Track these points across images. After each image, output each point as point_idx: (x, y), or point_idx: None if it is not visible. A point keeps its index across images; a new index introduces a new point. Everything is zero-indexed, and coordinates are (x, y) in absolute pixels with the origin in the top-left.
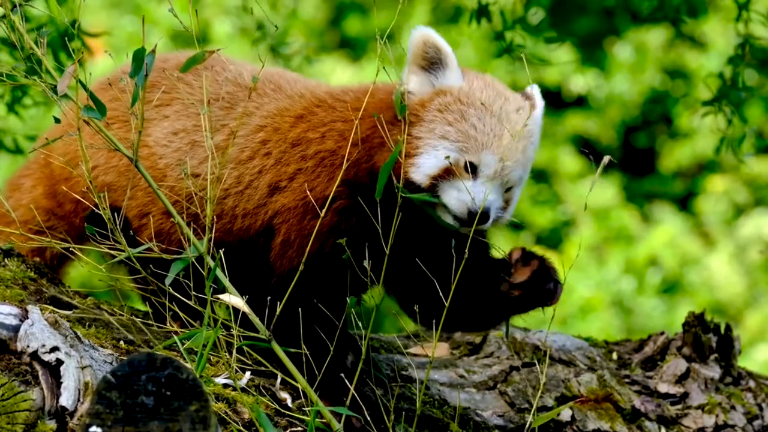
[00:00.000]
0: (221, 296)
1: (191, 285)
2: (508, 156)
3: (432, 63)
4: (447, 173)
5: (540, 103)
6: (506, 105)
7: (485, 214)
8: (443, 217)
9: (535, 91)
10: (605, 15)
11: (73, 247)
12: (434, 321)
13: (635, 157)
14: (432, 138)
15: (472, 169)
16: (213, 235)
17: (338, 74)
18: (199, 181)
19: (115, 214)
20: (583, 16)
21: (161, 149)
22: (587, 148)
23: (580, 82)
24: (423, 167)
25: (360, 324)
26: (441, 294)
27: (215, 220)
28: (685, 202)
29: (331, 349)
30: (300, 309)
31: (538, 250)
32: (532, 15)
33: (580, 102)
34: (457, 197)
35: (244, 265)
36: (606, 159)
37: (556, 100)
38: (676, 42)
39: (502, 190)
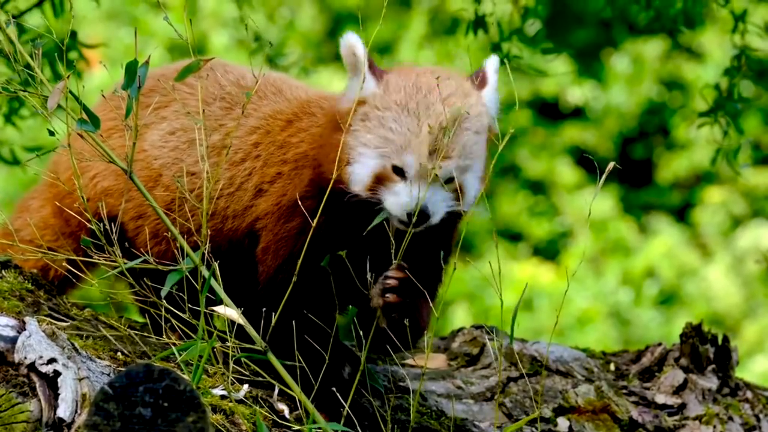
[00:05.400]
0: (216, 308)
1: (187, 296)
2: (427, 152)
3: (355, 69)
4: (379, 180)
5: (492, 78)
6: (429, 97)
7: (424, 213)
8: (393, 221)
9: (489, 65)
10: (602, 26)
11: (75, 259)
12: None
13: (632, 168)
14: (357, 147)
15: (400, 172)
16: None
17: (335, 86)
18: (194, 179)
19: (112, 224)
20: (580, 27)
21: (156, 151)
22: (586, 159)
23: (577, 93)
24: (357, 177)
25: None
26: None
27: (208, 219)
28: (682, 214)
29: (326, 358)
30: (292, 318)
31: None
32: (528, 26)
33: (578, 113)
34: (394, 201)
35: (237, 270)
36: (611, 165)
37: (554, 112)
38: (673, 53)
39: (439, 184)
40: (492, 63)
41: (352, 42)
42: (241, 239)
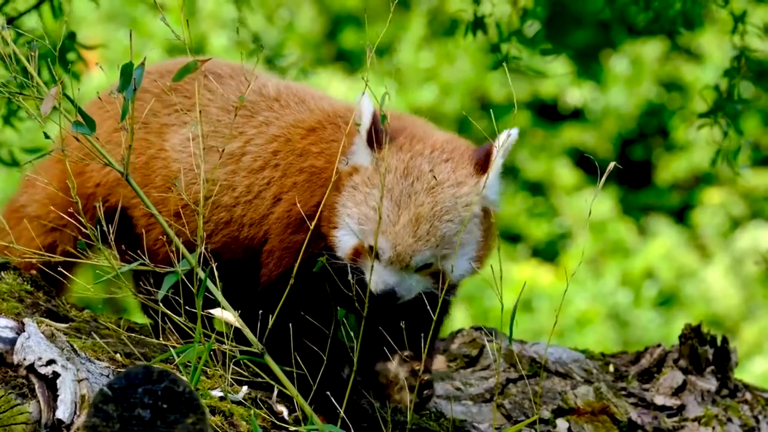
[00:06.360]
0: (213, 311)
1: (188, 297)
2: (400, 241)
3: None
4: (357, 254)
5: (496, 163)
6: (415, 185)
7: (394, 296)
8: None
9: (498, 145)
10: (601, 27)
11: (72, 260)
12: (422, 335)
13: (632, 169)
14: (344, 216)
15: (376, 252)
16: (220, 240)
17: (334, 87)
18: (209, 186)
19: (114, 223)
20: (579, 28)
21: (176, 154)
22: (585, 160)
23: (576, 94)
24: (340, 245)
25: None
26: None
27: (224, 226)
28: (681, 215)
29: (325, 360)
30: (290, 320)
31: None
32: (527, 27)
33: (577, 115)
34: (367, 277)
35: (248, 275)
36: (611, 165)
37: (553, 113)
38: (672, 54)
39: (410, 271)
40: (501, 143)
41: (363, 109)
42: (257, 248)
